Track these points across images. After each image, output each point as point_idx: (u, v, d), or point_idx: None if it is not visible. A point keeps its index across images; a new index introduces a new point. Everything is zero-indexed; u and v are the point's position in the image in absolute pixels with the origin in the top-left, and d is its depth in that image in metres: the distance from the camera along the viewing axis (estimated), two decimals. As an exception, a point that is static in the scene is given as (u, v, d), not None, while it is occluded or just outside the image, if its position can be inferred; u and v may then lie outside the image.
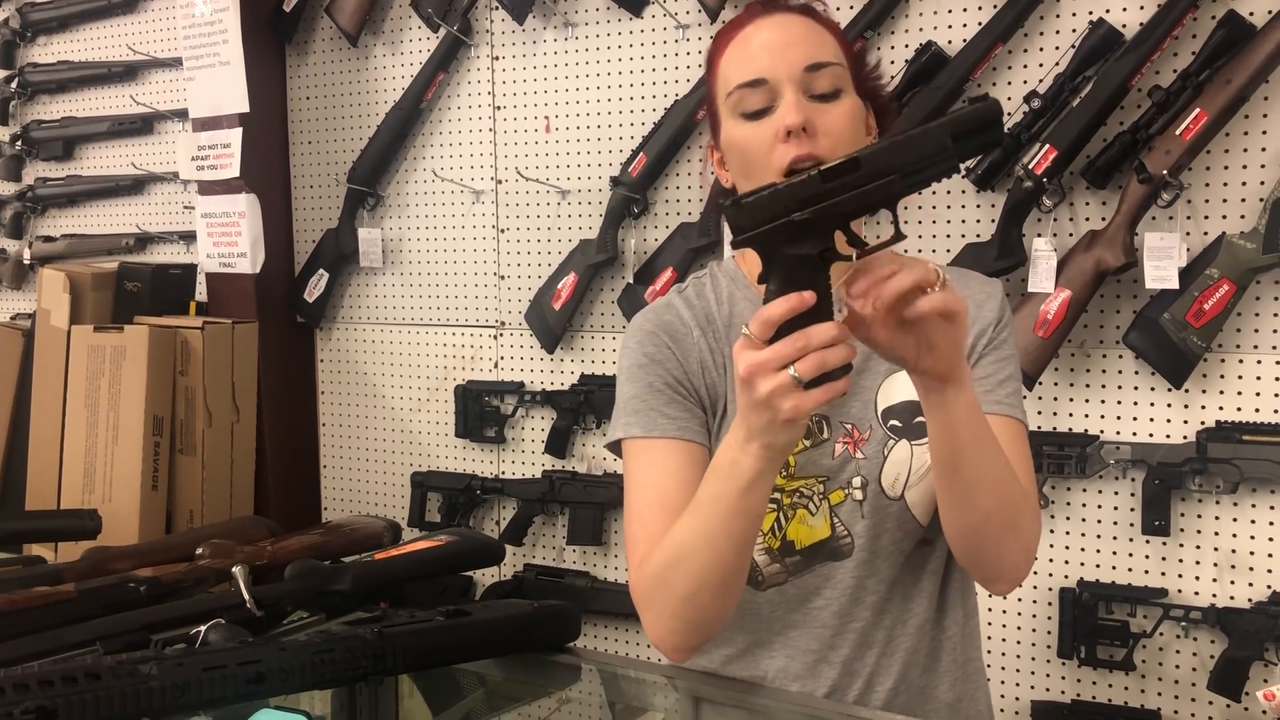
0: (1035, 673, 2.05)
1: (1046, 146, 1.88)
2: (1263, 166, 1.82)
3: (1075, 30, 1.91)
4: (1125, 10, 1.89)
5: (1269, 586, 1.86)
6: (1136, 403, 1.94)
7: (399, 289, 2.68)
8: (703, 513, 1.07)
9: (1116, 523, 1.97)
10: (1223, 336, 1.86)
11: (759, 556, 1.22)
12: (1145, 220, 1.87)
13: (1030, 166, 1.90)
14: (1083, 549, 1.99)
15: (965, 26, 2.00)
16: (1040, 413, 2.00)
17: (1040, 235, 1.94)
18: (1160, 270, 1.84)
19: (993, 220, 1.99)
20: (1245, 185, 1.84)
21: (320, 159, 2.75)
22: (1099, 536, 1.98)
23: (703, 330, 1.24)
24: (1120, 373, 1.95)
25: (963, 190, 2.03)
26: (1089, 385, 1.97)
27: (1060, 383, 1.99)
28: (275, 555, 1.44)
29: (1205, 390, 1.89)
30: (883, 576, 1.21)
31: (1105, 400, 1.96)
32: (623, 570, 2.43)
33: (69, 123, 3.09)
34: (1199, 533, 1.91)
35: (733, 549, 1.06)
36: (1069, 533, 2.00)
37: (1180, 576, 1.93)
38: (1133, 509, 1.95)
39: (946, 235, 2.04)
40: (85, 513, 1.90)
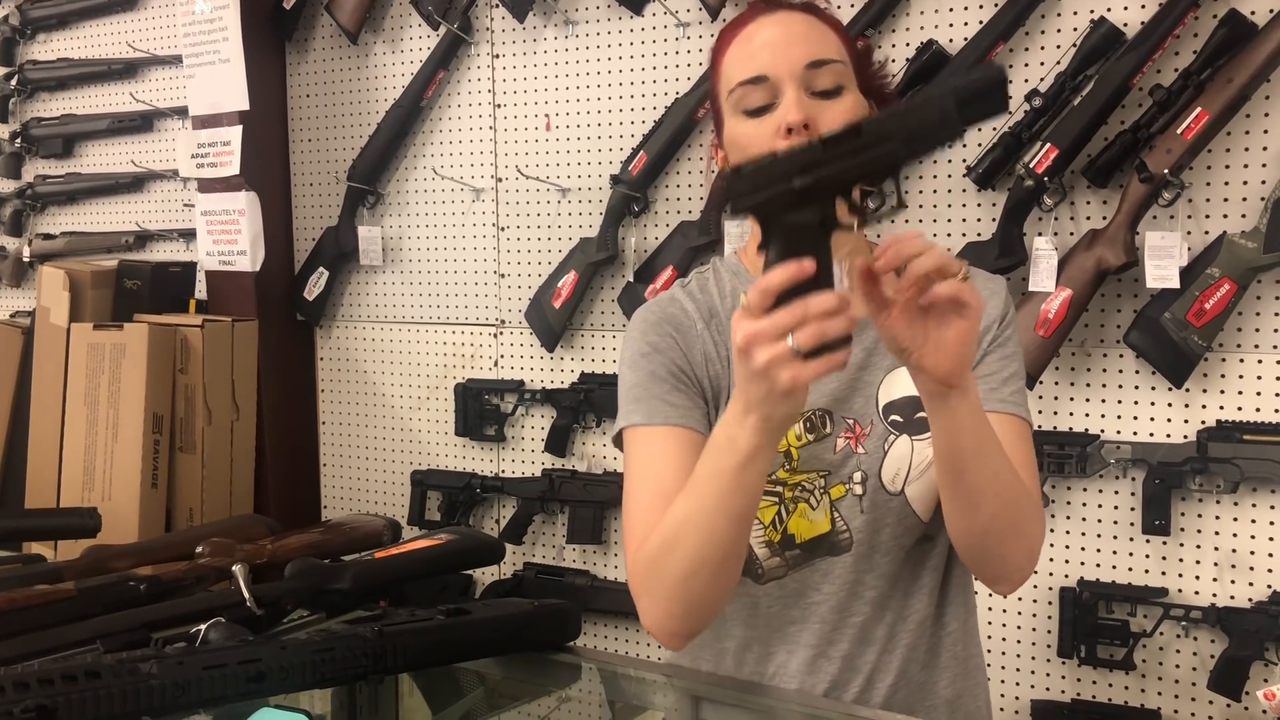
0: (1035, 672, 2.05)
1: (1048, 145, 1.88)
2: (1264, 166, 1.82)
3: (1076, 29, 1.91)
4: (1126, 9, 1.89)
5: (1269, 586, 1.86)
6: (1137, 402, 1.94)
7: (399, 287, 2.68)
8: (699, 490, 1.05)
9: (1117, 522, 1.97)
10: (1223, 336, 1.86)
11: (759, 550, 1.21)
12: (1146, 219, 1.87)
13: (1031, 165, 1.89)
14: (1083, 548, 1.99)
15: (966, 25, 2.00)
16: (1041, 412, 2.00)
17: (1041, 234, 1.94)
18: (1161, 269, 1.84)
19: (993, 219, 1.99)
20: (1246, 184, 1.84)
21: (320, 157, 2.75)
22: (1099, 536, 1.98)
23: (706, 323, 1.24)
24: (1121, 372, 1.95)
25: (964, 189, 2.03)
26: (1089, 384, 1.97)
27: (1061, 382, 1.99)
28: (275, 554, 1.44)
29: (1206, 390, 1.89)
30: (882, 572, 1.21)
31: (1106, 399, 1.96)
32: (623, 569, 2.42)
33: (69, 120, 3.09)
34: (1199, 532, 1.91)
35: (730, 528, 1.05)
36: (1069, 532, 2.00)
37: (1180, 576, 1.93)
38: (1133, 508, 1.95)
39: (947, 234, 2.04)
40: (85, 511, 1.90)
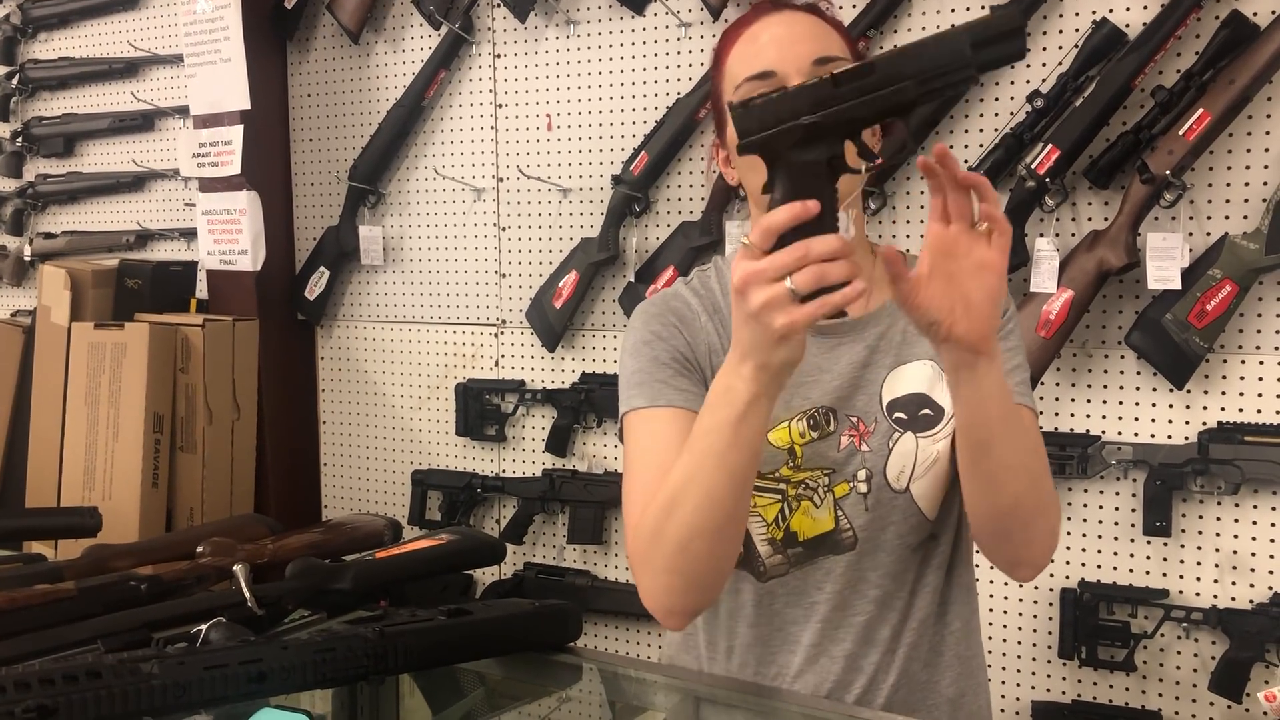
0: (1036, 673, 2.05)
1: (1049, 146, 1.88)
2: (1266, 167, 1.82)
3: (1078, 30, 1.91)
4: (1129, 10, 1.89)
5: (1270, 588, 1.86)
6: (1138, 403, 1.94)
7: (400, 287, 2.68)
8: (697, 449, 1.04)
9: (1118, 523, 1.97)
10: (1225, 337, 1.85)
11: (761, 547, 1.21)
12: (1148, 220, 1.87)
13: (1033, 166, 1.89)
14: (1084, 549, 1.99)
15: (968, 26, 2.00)
16: (1042, 413, 1.99)
17: (1043, 235, 1.94)
18: (1163, 271, 1.84)
19: (995, 220, 1.98)
20: (1248, 186, 1.83)
21: (321, 156, 2.75)
22: (1100, 537, 1.98)
23: (710, 317, 1.24)
24: (1122, 373, 1.95)
25: (965, 190, 2.02)
26: (1091, 385, 1.97)
27: (1062, 383, 1.99)
28: (276, 553, 1.44)
29: (1207, 391, 1.89)
30: (885, 570, 1.21)
31: (1107, 401, 1.96)
32: (623, 569, 2.42)
33: (70, 119, 3.09)
34: (1200, 533, 1.91)
35: (729, 488, 1.03)
36: (1070, 533, 2.00)
37: (1181, 577, 1.93)
38: (1134, 509, 1.95)
39: (948, 235, 2.04)
40: (85, 510, 1.89)
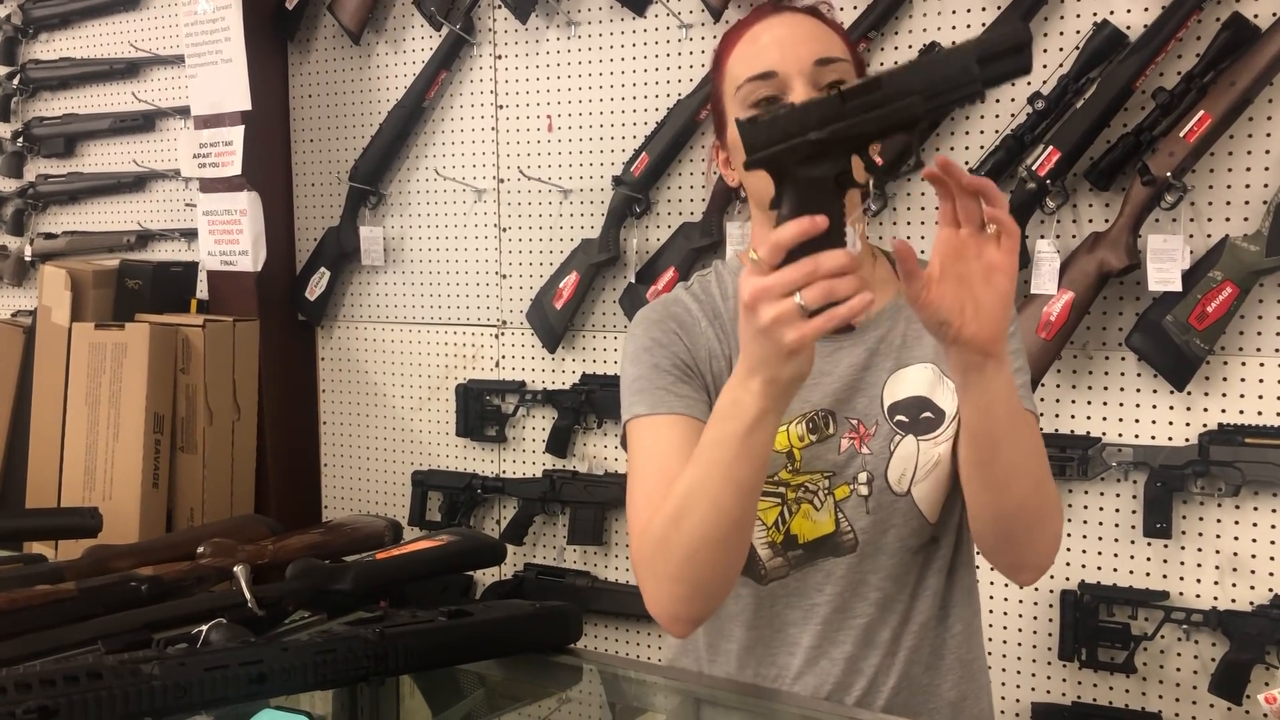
0: (1036, 674, 2.05)
1: (1050, 148, 1.88)
2: (1266, 169, 1.82)
3: (1079, 31, 1.91)
4: (1130, 12, 1.89)
5: (1270, 590, 1.86)
6: (1139, 405, 1.94)
7: (400, 287, 2.68)
8: (704, 460, 1.04)
9: (1118, 525, 1.97)
10: (1225, 339, 1.85)
11: (761, 550, 1.21)
12: (1148, 222, 1.87)
13: (1033, 168, 1.90)
14: (1084, 551, 1.99)
15: (969, 28, 2.00)
16: (1042, 415, 1.99)
17: (1043, 237, 1.94)
18: (1163, 272, 1.84)
19: (996, 221, 1.98)
20: (1249, 188, 1.84)
21: (322, 157, 2.75)
22: (1100, 539, 1.98)
23: (710, 322, 1.24)
24: (1123, 375, 1.95)
25: (966, 191, 2.02)
26: (1091, 387, 1.97)
27: (1062, 384, 1.99)
28: (276, 554, 1.44)
29: (1207, 393, 1.89)
30: (886, 573, 1.21)
31: (1107, 402, 1.96)
32: (624, 570, 2.42)
33: (71, 119, 3.09)
34: (1200, 535, 1.91)
35: (735, 499, 1.03)
36: (1070, 534, 2.00)
37: (1182, 579, 1.93)
38: (1134, 511, 1.95)
39: (949, 236, 2.04)
40: (86, 511, 1.90)
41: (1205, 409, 1.89)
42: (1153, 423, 1.93)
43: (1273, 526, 1.86)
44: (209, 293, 2.77)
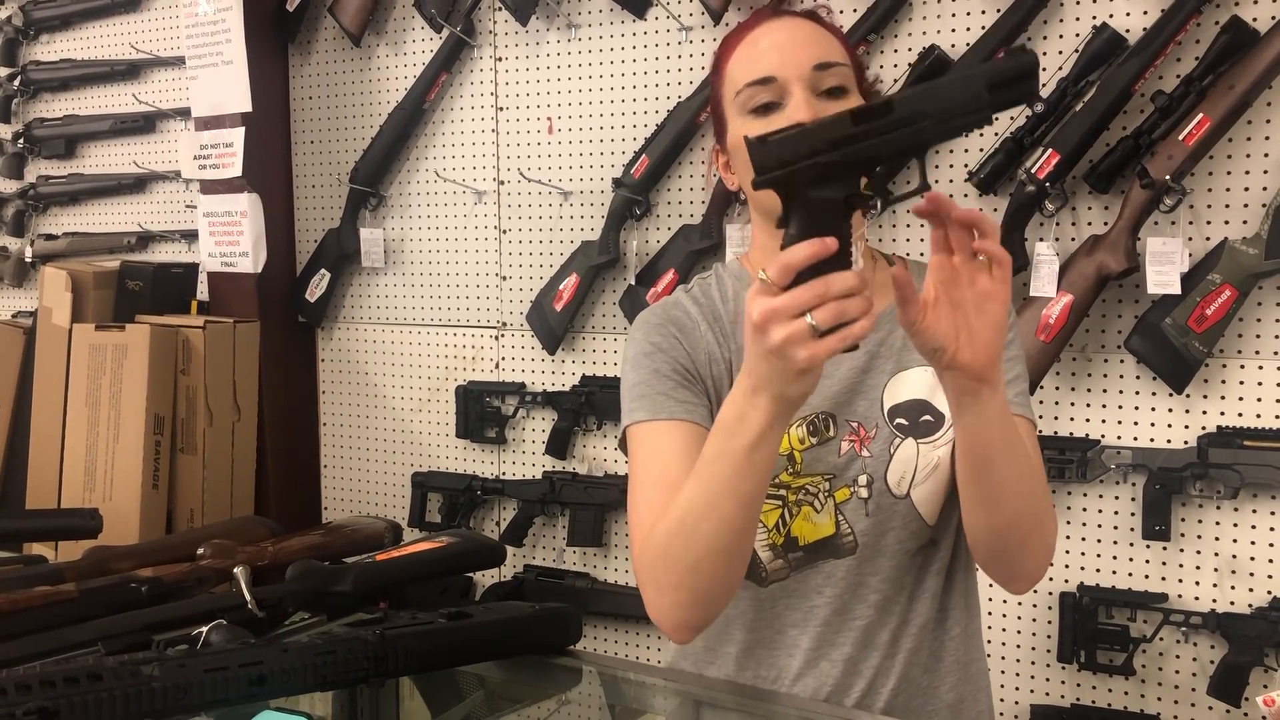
0: (1035, 677, 2.05)
1: (1049, 151, 1.89)
2: (1265, 172, 1.82)
3: (1079, 35, 1.91)
4: (1129, 15, 1.89)
5: (1269, 592, 1.86)
6: (1138, 407, 1.94)
7: (401, 289, 2.68)
8: (707, 473, 1.04)
9: (1117, 527, 1.97)
10: (1224, 342, 1.86)
11: (762, 553, 1.22)
12: (1147, 225, 1.87)
13: (1033, 171, 1.90)
14: (1083, 553, 2.00)
15: (969, 31, 2.00)
16: (1041, 417, 2.00)
17: (1042, 239, 1.94)
18: (1162, 275, 1.84)
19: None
20: (1248, 190, 1.84)
21: (323, 159, 2.75)
22: (1099, 541, 1.98)
23: (710, 325, 1.24)
24: (1122, 377, 1.95)
25: (965, 194, 2.03)
26: (1090, 390, 1.97)
27: (1061, 387, 1.99)
28: (276, 556, 1.44)
29: (1206, 395, 1.89)
30: (885, 575, 1.21)
31: (1106, 405, 1.96)
32: (623, 572, 2.43)
33: (71, 121, 3.09)
34: (1199, 538, 1.91)
35: (739, 511, 1.04)
36: (1069, 537, 2.00)
37: (1180, 581, 1.93)
38: (1133, 514, 1.95)
39: (949, 239, 2.04)
40: (86, 512, 1.90)
41: (1204, 411, 1.90)
42: (1151, 425, 1.93)
43: (1271, 529, 1.86)
44: (209, 294, 2.77)
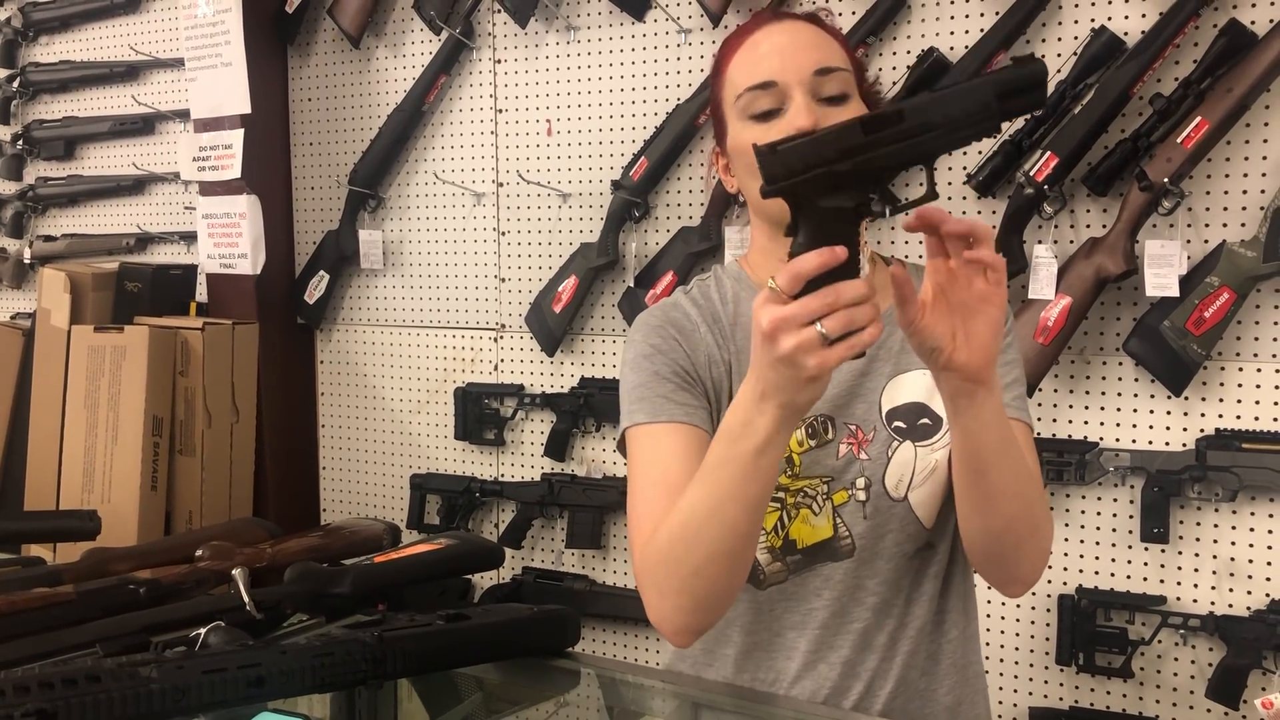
0: (1033, 679, 2.05)
1: (1048, 153, 1.89)
2: (1263, 175, 1.82)
3: (1077, 38, 1.91)
4: (1127, 18, 1.89)
5: (1268, 595, 1.86)
6: (1136, 410, 1.94)
7: (399, 291, 2.68)
8: (712, 479, 1.04)
9: (1115, 530, 1.97)
10: (1223, 344, 1.86)
11: (761, 555, 1.21)
12: (1146, 228, 1.87)
13: (1031, 173, 1.90)
14: (1082, 556, 2.00)
15: (967, 33, 2.00)
16: (1040, 419, 2.00)
17: (1041, 242, 1.94)
18: (1161, 278, 1.85)
19: (994, 226, 1.99)
20: (1246, 193, 1.84)
21: (322, 160, 2.75)
22: (1098, 543, 1.98)
23: (709, 327, 1.24)
24: (1120, 380, 1.95)
25: (964, 196, 2.03)
26: (1089, 392, 1.98)
27: (1060, 389, 1.99)
28: (275, 557, 1.44)
29: (1205, 398, 1.89)
30: (883, 578, 1.21)
31: (1105, 407, 1.96)
32: (622, 574, 2.43)
33: (70, 122, 3.09)
34: (1198, 540, 1.91)
35: (744, 516, 1.04)
36: (1068, 539, 2.00)
37: (1179, 584, 1.93)
38: (1132, 516, 1.95)
39: (947, 241, 2.04)
40: (84, 513, 1.90)
41: (1202, 414, 1.90)
42: (1150, 428, 1.93)
43: (1270, 532, 1.86)
44: (208, 296, 2.77)
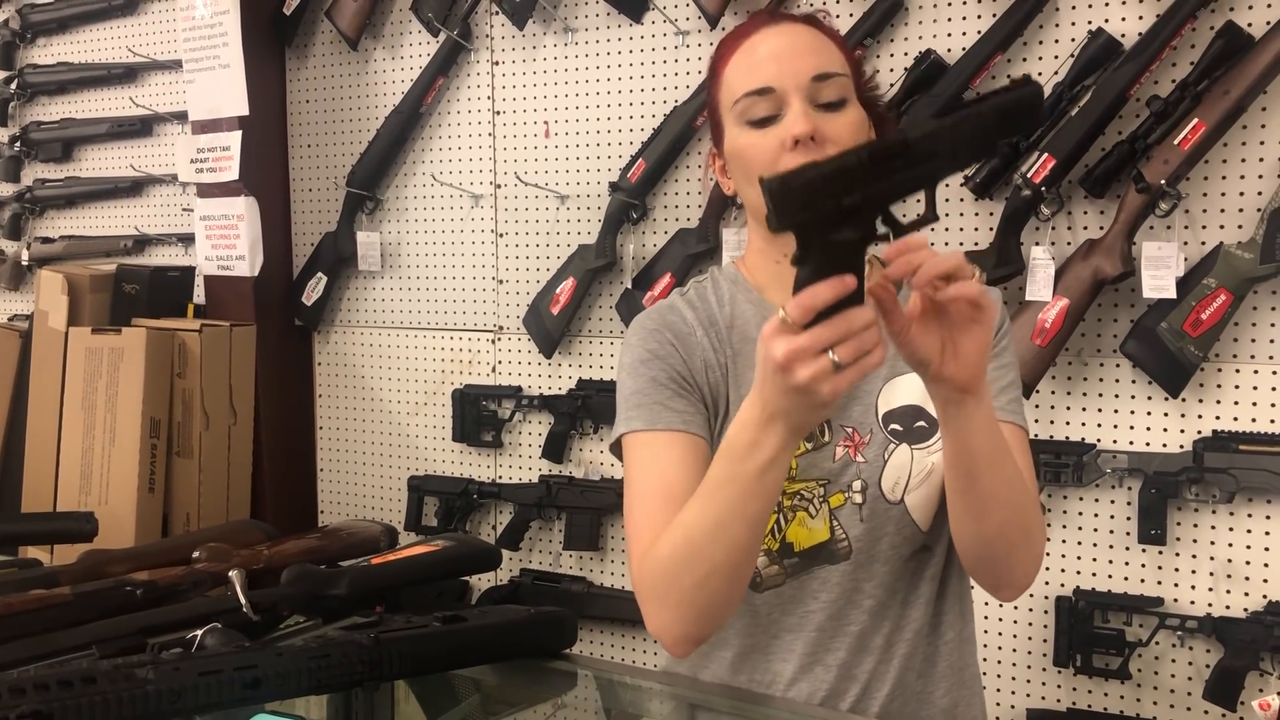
0: (1031, 681, 2.05)
1: (1045, 155, 1.89)
2: (1260, 177, 1.83)
3: (1074, 39, 1.92)
4: (1124, 20, 1.90)
5: (1265, 596, 1.86)
6: (1133, 411, 1.94)
7: (397, 293, 2.68)
8: (717, 496, 1.04)
9: (1113, 531, 1.97)
10: (1220, 346, 1.86)
11: (759, 559, 1.21)
12: (1143, 229, 1.87)
13: (1029, 175, 1.90)
14: (1079, 557, 2.00)
15: (965, 35, 2.01)
16: (1037, 421, 2.00)
17: (1038, 244, 1.94)
18: (1158, 279, 1.85)
19: (991, 228, 1.99)
20: (1243, 195, 1.84)
21: (319, 162, 2.75)
22: (1095, 545, 1.98)
23: (706, 331, 1.24)
24: (1117, 381, 1.95)
25: (961, 198, 2.03)
26: (1086, 394, 1.98)
27: (1057, 391, 1.99)
28: (272, 559, 1.44)
29: (1202, 400, 1.89)
30: (880, 581, 1.21)
31: (1102, 409, 1.96)
32: (620, 575, 2.43)
33: (68, 124, 3.09)
34: (1195, 542, 1.91)
35: (747, 532, 1.04)
36: (1065, 541, 2.00)
37: (1176, 586, 1.93)
38: (1129, 518, 1.95)
39: (945, 243, 2.05)
40: (82, 515, 1.90)
41: (1200, 416, 1.90)
42: (1147, 429, 1.94)
43: (1267, 533, 1.86)
44: (206, 297, 2.77)
